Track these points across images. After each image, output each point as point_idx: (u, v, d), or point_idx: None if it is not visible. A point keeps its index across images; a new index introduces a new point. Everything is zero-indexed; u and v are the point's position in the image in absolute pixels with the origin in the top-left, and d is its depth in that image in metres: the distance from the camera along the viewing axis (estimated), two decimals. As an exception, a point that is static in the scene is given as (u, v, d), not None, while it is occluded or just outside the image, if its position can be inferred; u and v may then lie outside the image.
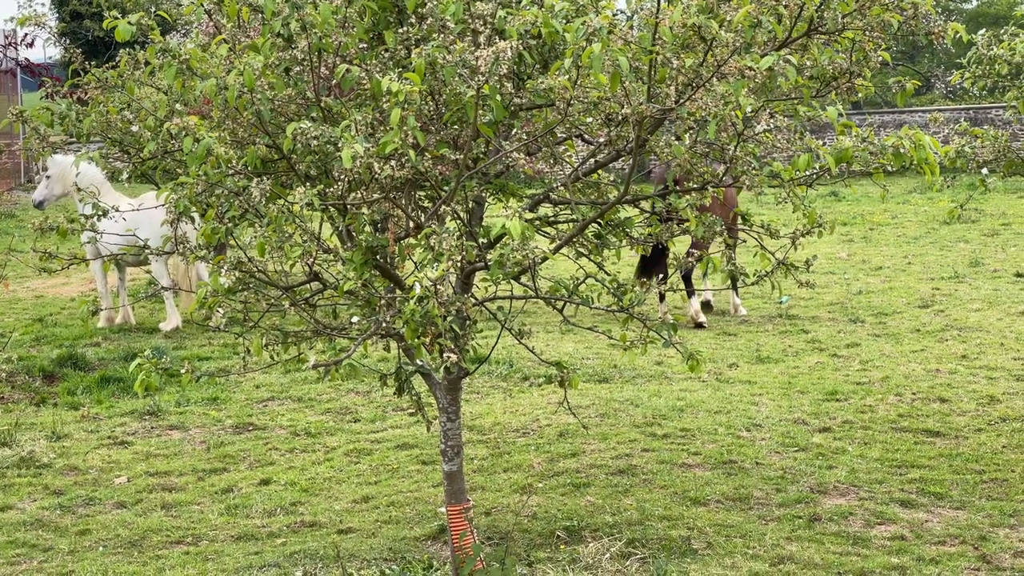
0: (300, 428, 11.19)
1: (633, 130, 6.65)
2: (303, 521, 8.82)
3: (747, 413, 11.33)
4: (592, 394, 12.09)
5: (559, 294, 7.43)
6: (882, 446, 10.27)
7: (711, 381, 12.71)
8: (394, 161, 6.30)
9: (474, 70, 6.10)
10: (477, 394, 12.30)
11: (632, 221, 7.96)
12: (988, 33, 9.13)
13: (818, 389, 12.29)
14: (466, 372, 7.47)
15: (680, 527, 8.32)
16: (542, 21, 6.21)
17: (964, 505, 8.78)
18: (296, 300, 6.99)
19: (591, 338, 14.42)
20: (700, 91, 6.36)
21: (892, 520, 8.47)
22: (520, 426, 11.05)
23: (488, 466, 9.88)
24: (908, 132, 6.69)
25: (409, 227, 6.97)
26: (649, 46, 6.26)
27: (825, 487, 9.19)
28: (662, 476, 9.46)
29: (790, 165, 6.87)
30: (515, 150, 6.90)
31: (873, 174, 6.91)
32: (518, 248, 6.33)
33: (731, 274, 7.57)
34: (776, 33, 6.48)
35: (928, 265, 20.36)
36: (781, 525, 8.38)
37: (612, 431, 10.75)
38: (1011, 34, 9.05)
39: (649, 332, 7.33)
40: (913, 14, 6.92)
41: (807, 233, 7.51)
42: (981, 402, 11.70)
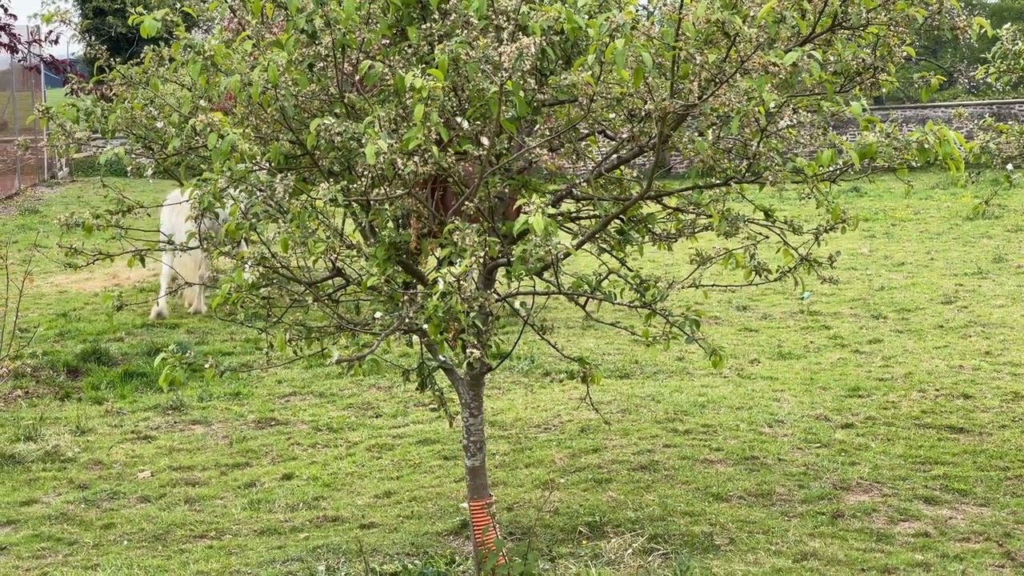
0: (322, 423, 11.22)
1: (656, 126, 6.65)
2: (325, 516, 8.84)
3: (769, 409, 11.32)
4: (613, 390, 12.08)
5: (582, 290, 7.43)
6: (905, 442, 10.25)
7: (732, 377, 12.70)
8: (417, 157, 6.30)
9: (497, 66, 6.10)
10: (499, 389, 12.31)
11: (655, 217, 7.95)
12: (1013, 28, 9.09)
13: (840, 385, 12.27)
14: (488, 368, 7.47)
15: (702, 523, 8.31)
16: (565, 17, 6.20)
17: (988, 502, 8.75)
18: (319, 296, 7.00)
19: (612, 334, 14.42)
20: (723, 87, 6.34)
21: (916, 517, 8.46)
22: (542, 422, 11.05)
23: (510, 461, 9.89)
24: (933, 127, 6.67)
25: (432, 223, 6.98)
26: (672, 42, 6.25)
27: (848, 483, 9.17)
28: (684, 472, 9.45)
29: (813, 161, 6.86)
30: (538, 146, 6.90)
31: (897, 170, 6.88)
32: (541, 244, 6.32)
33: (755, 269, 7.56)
34: (800, 28, 6.47)
35: (951, 261, 20.29)
36: (804, 521, 8.37)
37: (634, 427, 10.75)
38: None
39: (672, 328, 7.33)
40: (938, 9, 6.88)
41: (830, 229, 7.49)
42: (1005, 398, 11.66)
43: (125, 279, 19.25)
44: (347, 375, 7.06)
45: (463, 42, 6.20)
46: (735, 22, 6.14)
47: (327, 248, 6.41)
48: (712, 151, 6.95)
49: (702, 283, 8.10)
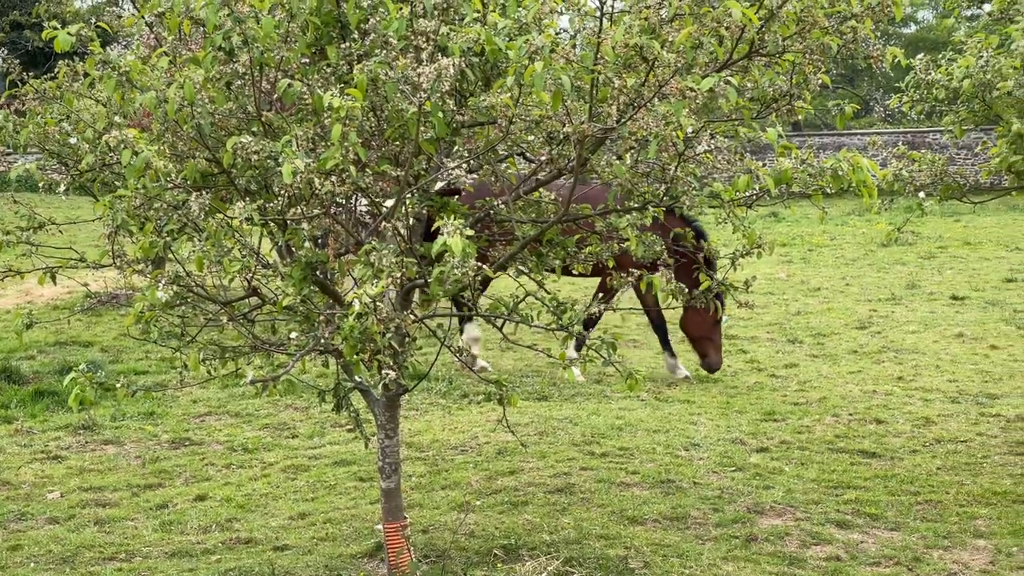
0: (237, 443, 11.11)
1: (574, 149, 6.66)
2: (239, 538, 8.74)
3: (685, 432, 11.36)
4: (531, 412, 12.08)
5: (499, 312, 7.44)
6: (819, 467, 10.33)
7: (650, 400, 12.75)
8: (335, 177, 6.27)
9: (416, 87, 6.10)
10: (416, 411, 12.27)
11: (572, 240, 7.97)
12: (926, 58, 9.22)
13: (756, 409, 12.35)
14: (405, 389, 7.45)
15: (617, 546, 8.32)
16: (485, 39, 6.21)
17: (899, 526, 8.84)
18: (234, 315, 6.94)
19: (531, 356, 14.43)
20: (641, 111, 6.38)
21: (828, 541, 8.51)
22: (459, 443, 11.02)
23: (426, 483, 9.84)
24: (847, 155, 6.74)
25: (349, 243, 6.95)
26: (591, 65, 6.28)
27: (762, 507, 9.22)
28: (600, 495, 9.46)
29: (730, 186, 6.91)
30: (456, 167, 6.88)
31: (812, 196, 6.95)
32: (459, 266, 6.31)
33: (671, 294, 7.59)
34: (717, 54, 6.51)
35: (866, 287, 20.55)
36: (718, 545, 8.40)
37: (551, 449, 10.75)
38: (948, 59, 9.14)
39: (588, 350, 7.34)
40: (852, 38, 6.98)
41: (746, 254, 7.54)
42: (916, 424, 11.80)
43: (38, 296, 18.99)
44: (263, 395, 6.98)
45: (382, 62, 6.19)
46: (653, 47, 6.18)
47: (243, 267, 6.37)
48: (630, 175, 6.98)
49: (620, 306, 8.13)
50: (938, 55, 9.55)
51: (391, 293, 6.91)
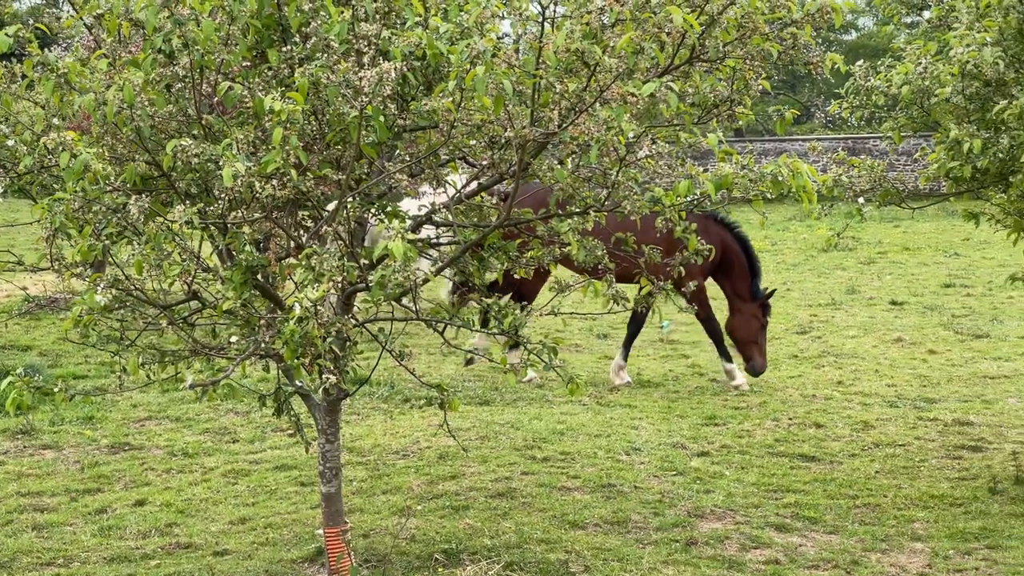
0: (177, 448, 11.03)
1: (516, 153, 6.68)
2: (178, 543, 8.68)
3: (627, 437, 11.40)
4: (473, 416, 12.08)
5: (440, 316, 7.43)
6: (759, 470, 10.39)
7: (592, 405, 12.78)
8: (276, 180, 6.25)
9: (358, 90, 6.09)
10: (358, 415, 12.23)
11: (513, 244, 7.98)
12: (866, 64, 9.30)
13: (697, 413, 12.41)
14: (346, 393, 7.43)
15: (558, 550, 8.33)
16: (426, 43, 6.21)
17: (837, 530, 8.90)
18: (174, 319, 6.90)
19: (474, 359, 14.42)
20: (583, 116, 6.40)
21: (767, 544, 8.56)
22: (400, 448, 11.00)
23: (367, 488, 9.82)
24: (786, 160, 6.79)
25: (290, 247, 6.92)
26: (533, 70, 6.29)
27: (702, 511, 9.26)
28: (541, 499, 9.47)
29: (671, 191, 6.93)
30: (398, 171, 6.88)
31: (753, 201, 6.99)
32: (400, 269, 6.31)
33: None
34: (659, 60, 6.55)
35: (806, 292, 20.70)
36: (658, 549, 8.43)
37: (492, 454, 10.75)
38: (887, 66, 9.22)
39: (530, 355, 7.35)
40: (792, 44, 7.03)
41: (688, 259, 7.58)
42: (856, 428, 11.89)
43: (-24, 300, 18.78)
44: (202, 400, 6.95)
45: (323, 66, 6.18)
46: (595, 52, 6.20)
47: (183, 271, 6.33)
48: (572, 179, 7.00)
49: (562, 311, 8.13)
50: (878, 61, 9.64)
51: (332, 297, 6.89)
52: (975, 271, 22.54)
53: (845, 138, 34.58)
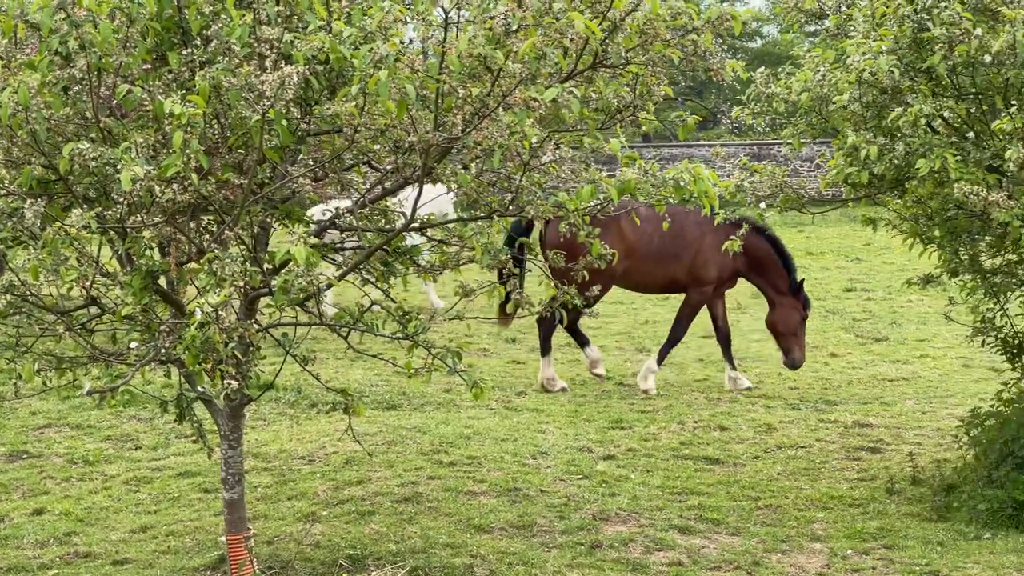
0: (77, 456, 10.88)
1: (420, 158, 6.67)
2: (77, 552, 8.57)
3: (534, 441, 11.43)
4: (380, 421, 12.05)
5: (344, 321, 7.40)
6: (664, 473, 10.47)
7: (499, 409, 12.79)
8: (176, 184, 6.20)
9: (260, 94, 6.05)
10: (263, 421, 12.15)
11: (419, 249, 7.97)
12: (766, 72, 9.40)
13: (604, 417, 12.47)
14: (249, 399, 7.38)
15: (463, 555, 8.33)
16: (329, 47, 6.18)
17: (739, 531, 8.99)
18: (72, 325, 6.81)
19: (381, 365, 14.36)
20: (486, 120, 6.41)
21: (671, 546, 8.63)
22: (306, 453, 10.95)
23: (272, 494, 9.75)
24: (688, 165, 6.85)
25: (192, 251, 6.86)
26: (436, 75, 6.30)
27: (607, 514, 9.31)
28: (447, 504, 9.46)
29: (575, 196, 6.97)
30: (301, 175, 6.85)
31: (656, 206, 7.05)
32: (303, 274, 6.28)
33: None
34: (561, 65, 6.57)
35: (712, 296, 20.83)
36: (563, 552, 8.46)
37: (399, 458, 10.73)
38: (787, 73, 9.33)
39: (434, 360, 7.34)
40: (693, 51, 7.09)
41: (592, 263, 7.62)
42: (759, 430, 12.02)
43: None
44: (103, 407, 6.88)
45: (225, 69, 6.13)
46: (497, 57, 6.22)
47: (80, 276, 6.25)
48: (475, 184, 7.01)
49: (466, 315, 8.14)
50: (779, 69, 9.74)
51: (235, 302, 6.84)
52: (875, 275, 22.88)
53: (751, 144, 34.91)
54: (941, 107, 8.19)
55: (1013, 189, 7.94)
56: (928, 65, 8.12)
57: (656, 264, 14.14)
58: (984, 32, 7.87)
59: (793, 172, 31.15)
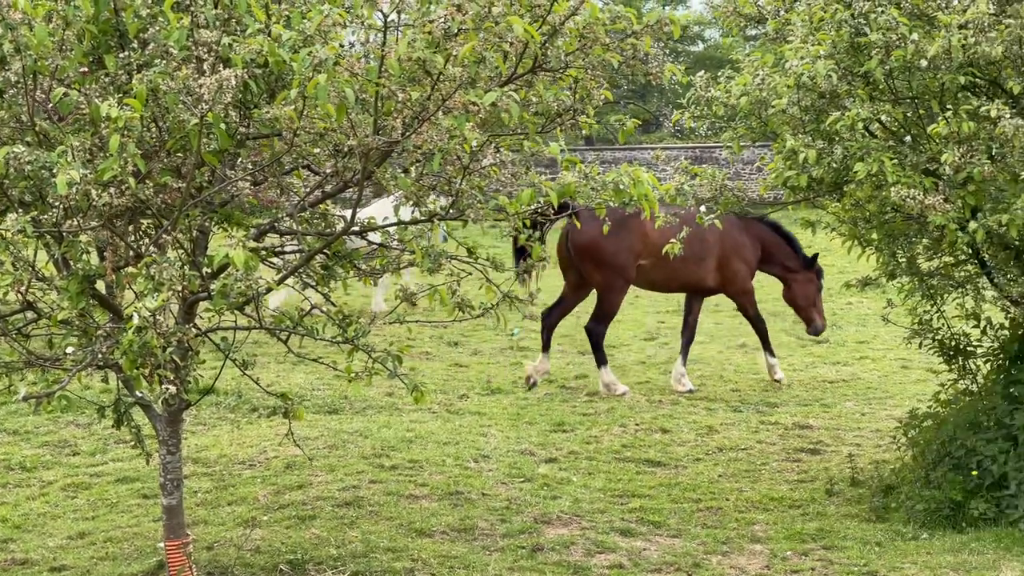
0: (14, 462, 10.76)
1: (360, 161, 6.66)
2: (13, 559, 8.48)
3: (476, 444, 11.43)
4: (322, 425, 12.01)
5: (284, 325, 7.37)
6: (605, 476, 10.49)
7: (441, 412, 12.79)
8: (113, 188, 6.15)
9: (198, 98, 6.01)
10: (204, 425, 12.08)
11: (359, 252, 7.95)
12: (706, 75, 9.45)
13: (546, 420, 12.49)
14: (187, 404, 7.33)
15: (404, 559, 8.32)
16: (268, 50, 6.16)
17: (680, 533, 9.03)
18: (7, 330, 6.74)
19: (323, 369, 14.30)
20: (426, 124, 6.40)
21: (612, 549, 8.65)
22: (247, 458, 10.89)
23: (212, 499, 9.70)
24: (627, 169, 6.88)
25: (129, 256, 6.81)
26: (376, 78, 6.28)
27: (549, 517, 9.33)
28: (389, 508, 9.45)
29: (515, 199, 6.98)
30: (240, 179, 6.82)
31: (596, 209, 7.08)
32: (242, 278, 6.25)
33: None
34: (501, 69, 6.58)
35: (654, 299, 20.92)
36: (504, 556, 8.47)
37: (340, 463, 10.70)
38: (727, 77, 9.39)
39: (375, 363, 7.33)
40: (633, 55, 7.12)
41: (532, 267, 7.63)
42: (700, 432, 12.08)
43: None
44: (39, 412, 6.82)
45: (162, 72, 6.09)
46: (437, 61, 6.21)
47: (15, 280, 6.19)
48: (415, 188, 7.00)
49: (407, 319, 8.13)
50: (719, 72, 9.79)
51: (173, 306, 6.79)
52: (817, 278, 23.03)
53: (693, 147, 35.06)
54: (878, 111, 8.25)
55: (949, 192, 8.01)
56: (865, 69, 8.19)
57: (681, 264, 13.98)
58: (920, 37, 7.95)
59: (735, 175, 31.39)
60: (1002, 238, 8.25)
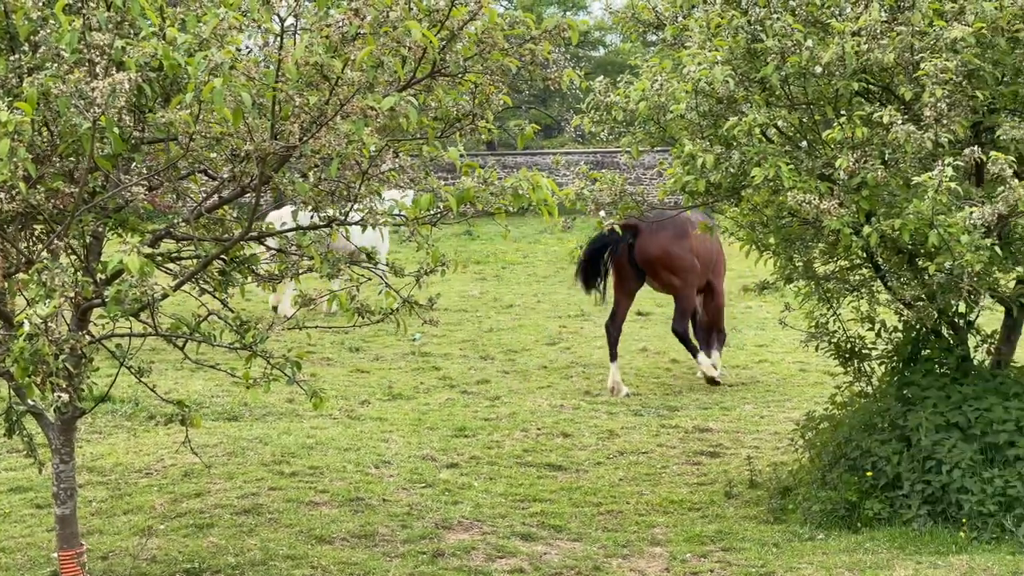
0: (-95, 472, 10.55)
1: (257, 166, 6.60)
2: (-96, 571, 8.31)
3: (377, 450, 11.38)
4: (220, 432, 11.89)
5: (180, 331, 7.29)
6: (507, 481, 10.50)
7: (342, 418, 12.72)
8: (3, 194, 6.05)
9: (90, 101, 5.93)
10: (99, 434, 11.91)
11: (257, 258, 7.90)
12: (606, 81, 9.50)
13: (448, 425, 12.47)
14: (81, 412, 7.24)
15: (304, 566, 8.26)
16: (163, 54, 6.09)
17: (581, 537, 9.06)
18: None
19: (222, 376, 14.16)
20: (324, 129, 6.37)
21: (513, 554, 8.66)
22: (143, 466, 10.75)
23: (108, 508, 9.56)
24: (527, 174, 6.90)
25: (21, 262, 6.70)
26: (273, 83, 6.24)
27: (450, 522, 9.31)
28: (288, 515, 9.37)
29: (413, 204, 6.97)
30: (135, 184, 6.73)
31: (495, 214, 7.08)
32: (137, 284, 6.16)
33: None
34: (400, 74, 6.56)
35: (556, 304, 21.02)
36: (405, 561, 8.44)
37: (239, 470, 10.60)
38: (626, 82, 9.44)
39: (273, 370, 7.28)
40: (532, 60, 7.14)
41: (431, 272, 7.62)
42: (601, 436, 12.13)
43: None
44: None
45: (54, 76, 6.00)
46: (335, 65, 6.18)
47: (-98, 287, 6.06)
48: (314, 193, 6.96)
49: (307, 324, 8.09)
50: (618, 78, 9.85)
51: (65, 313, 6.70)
52: (717, 282, 23.24)
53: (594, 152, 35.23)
54: (775, 116, 8.34)
55: (844, 197, 8.12)
56: (762, 75, 8.28)
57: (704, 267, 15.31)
58: (815, 44, 8.05)
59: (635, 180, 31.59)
60: (895, 242, 8.38)
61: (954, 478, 8.88)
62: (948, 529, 8.80)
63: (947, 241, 7.70)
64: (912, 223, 7.80)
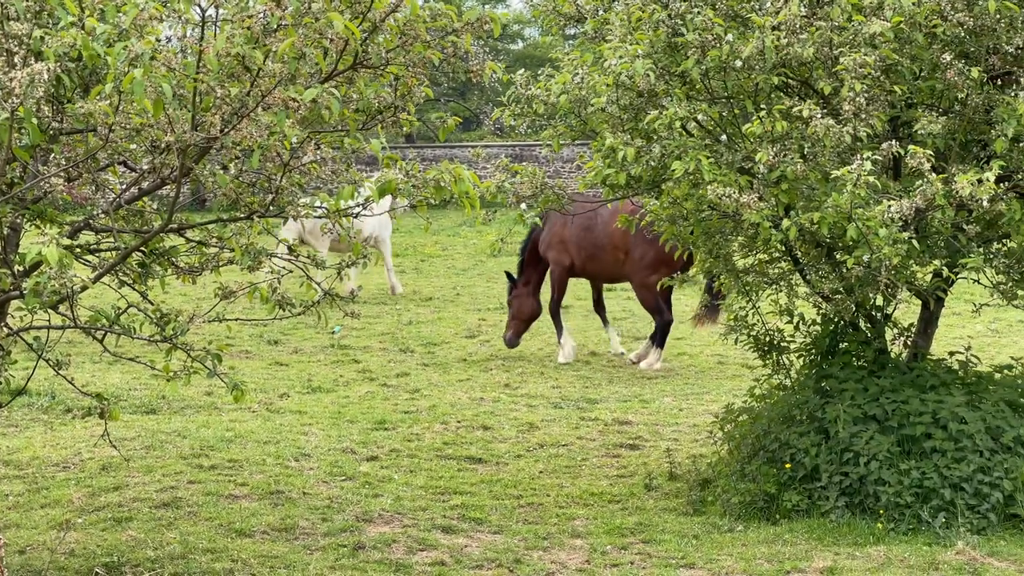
0: None
1: (177, 158, 6.55)
2: None
3: (296, 443, 11.34)
4: (139, 425, 11.79)
5: (99, 324, 7.22)
6: (427, 473, 10.51)
7: (261, 411, 12.66)
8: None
9: (8, 92, 5.86)
10: (15, 427, 11.77)
11: (177, 250, 7.84)
12: (526, 74, 9.52)
13: (368, 418, 12.45)
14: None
15: (224, 559, 8.22)
16: (82, 44, 6.02)
17: (502, 529, 9.09)
18: None
19: (140, 368, 14.05)
20: (245, 121, 6.33)
21: (434, 546, 8.67)
22: (61, 460, 10.64)
23: (24, 502, 9.45)
24: (448, 166, 6.90)
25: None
26: (194, 74, 6.19)
27: (370, 515, 9.30)
28: (207, 508, 9.32)
29: (335, 196, 6.96)
30: (54, 175, 6.65)
31: (417, 206, 7.08)
32: (55, 276, 6.10)
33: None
34: (321, 66, 6.54)
35: (476, 296, 21.05)
36: (326, 554, 8.42)
37: (158, 463, 10.52)
38: (547, 75, 9.47)
39: (193, 362, 7.23)
40: (453, 52, 7.14)
41: (352, 264, 7.61)
42: (521, 429, 12.17)
43: None
44: None
45: (-30, 65, 5.92)
46: (256, 57, 6.15)
47: None
48: (234, 184, 6.93)
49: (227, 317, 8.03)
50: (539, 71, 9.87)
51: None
52: (636, 275, 23.37)
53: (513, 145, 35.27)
54: (695, 110, 8.40)
55: (763, 191, 8.20)
56: (682, 69, 8.33)
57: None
58: (735, 38, 8.12)
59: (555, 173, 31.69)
60: (814, 235, 8.47)
61: (871, 470, 9.01)
62: (866, 520, 8.92)
63: (865, 234, 7.80)
64: (831, 216, 7.89)
